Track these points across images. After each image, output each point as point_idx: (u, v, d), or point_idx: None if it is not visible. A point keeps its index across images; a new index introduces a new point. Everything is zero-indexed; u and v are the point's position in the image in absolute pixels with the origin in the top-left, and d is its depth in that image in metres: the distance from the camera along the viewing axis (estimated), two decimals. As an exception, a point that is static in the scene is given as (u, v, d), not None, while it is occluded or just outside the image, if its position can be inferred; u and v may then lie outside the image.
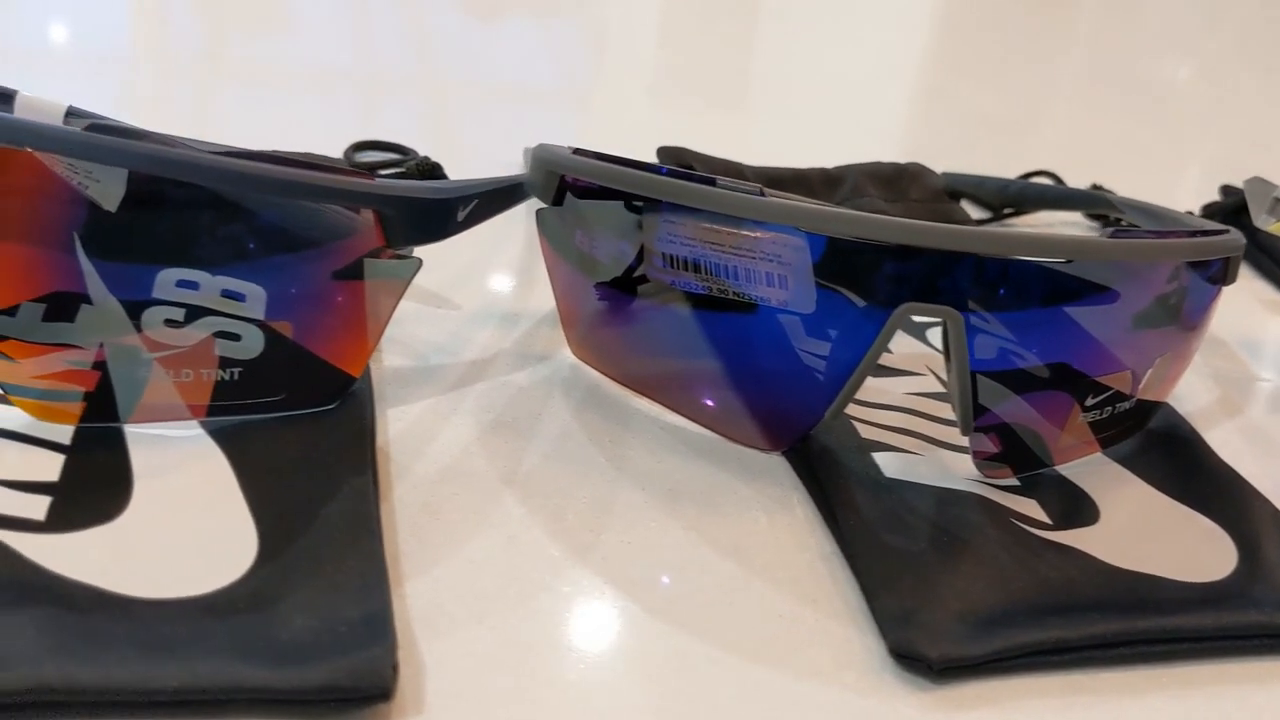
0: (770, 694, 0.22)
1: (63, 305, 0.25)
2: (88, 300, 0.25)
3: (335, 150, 0.44)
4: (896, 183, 0.44)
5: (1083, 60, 0.85)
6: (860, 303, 0.26)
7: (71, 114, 0.34)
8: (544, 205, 0.31)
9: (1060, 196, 0.45)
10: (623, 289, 0.30)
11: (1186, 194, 0.54)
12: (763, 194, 0.26)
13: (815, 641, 0.23)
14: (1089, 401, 0.29)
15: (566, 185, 0.30)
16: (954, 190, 0.46)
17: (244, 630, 0.21)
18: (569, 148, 0.30)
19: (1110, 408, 0.29)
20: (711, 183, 0.27)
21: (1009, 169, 0.48)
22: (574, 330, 0.32)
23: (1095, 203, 0.42)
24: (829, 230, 0.26)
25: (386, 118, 0.52)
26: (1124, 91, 0.74)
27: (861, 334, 0.27)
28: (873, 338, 0.26)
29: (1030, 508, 0.28)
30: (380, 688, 0.20)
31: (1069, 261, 0.26)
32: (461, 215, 0.29)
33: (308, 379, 0.27)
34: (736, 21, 0.81)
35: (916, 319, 0.35)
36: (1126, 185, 0.49)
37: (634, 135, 0.52)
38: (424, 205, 0.27)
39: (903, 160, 0.47)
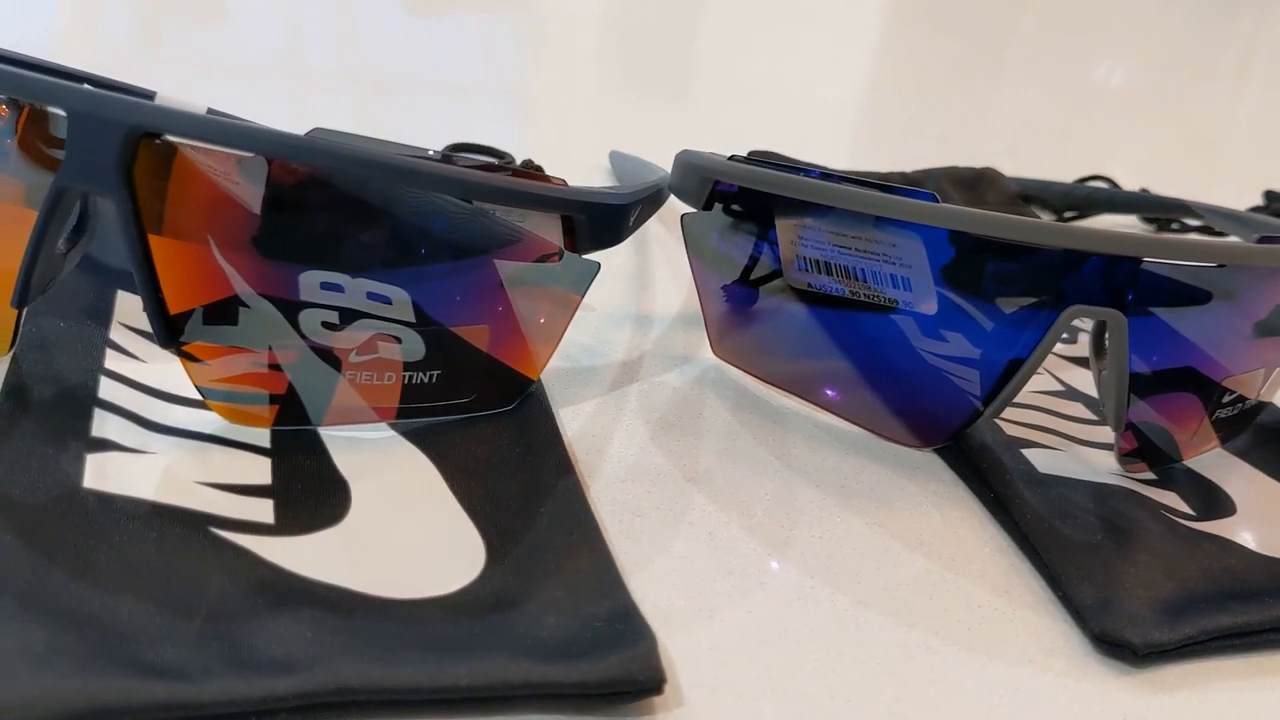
0: (992, 681, 0.23)
1: (220, 309, 0.25)
2: (243, 303, 0.25)
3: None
4: (975, 186, 0.46)
5: (1030, 57, 0.87)
6: (1023, 305, 0.27)
7: (212, 114, 0.34)
8: (689, 210, 0.32)
9: (1126, 200, 0.46)
10: (771, 292, 0.31)
11: (1202, 198, 0.56)
12: (937, 200, 0.27)
13: (1017, 630, 0.24)
14: (1224, 400, 0.30)
15: (717, 191, 0.31)
16: (1024, 194, 0.47)
17: (504, 627, 0.21)
18: (721, 154, 0.31)
19: (1239, 405, 0.31)
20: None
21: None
22: (719, 331, 0.33)
23: (1171, 208, 0.43)
24: (1008, 236, 0.27)
25: (322, 112, 0.51)
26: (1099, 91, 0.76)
27: (1026, 335, 0.28)
28: (1038, 339, 0.28)
29: (1173, 500, 0.30)
30: (655, 680, 0.20)
31: (1221, 266, 0.28)
32: (632, 220, 0.29)
33: (491, 382, 0.27)
34: (680, 16, 0.81)
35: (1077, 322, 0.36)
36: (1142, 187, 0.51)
37: (581, 132, 0.52)
38: (611, 211, 0.28)
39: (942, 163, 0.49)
